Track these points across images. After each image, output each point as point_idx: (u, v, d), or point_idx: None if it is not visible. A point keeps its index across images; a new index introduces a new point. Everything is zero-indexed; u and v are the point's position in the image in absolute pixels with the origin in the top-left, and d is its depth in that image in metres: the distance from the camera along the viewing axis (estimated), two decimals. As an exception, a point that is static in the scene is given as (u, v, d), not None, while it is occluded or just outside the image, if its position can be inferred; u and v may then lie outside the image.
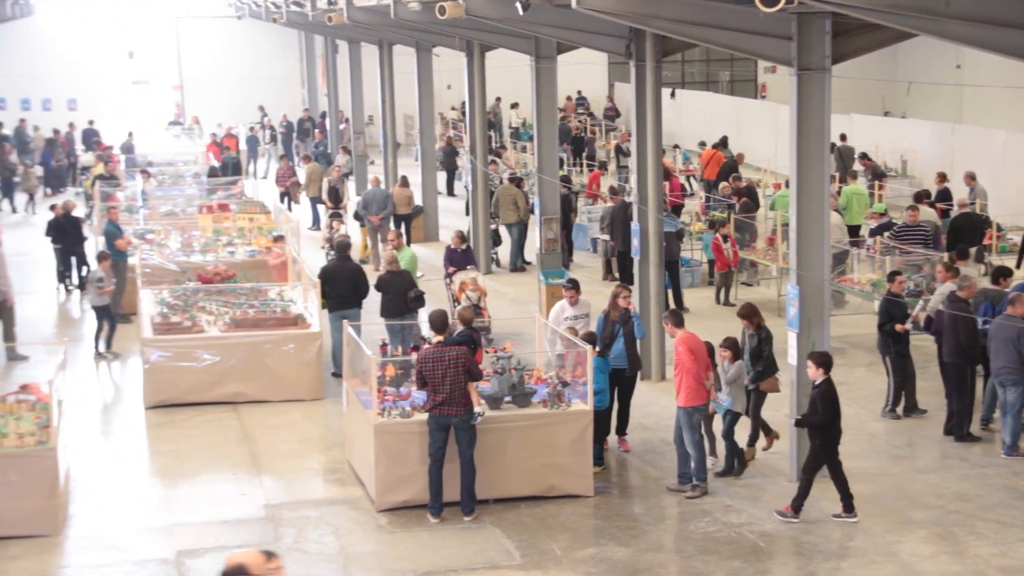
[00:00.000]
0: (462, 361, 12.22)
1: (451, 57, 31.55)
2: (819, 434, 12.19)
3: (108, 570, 11.34)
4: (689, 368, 12.68)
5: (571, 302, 15.18)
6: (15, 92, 43.21)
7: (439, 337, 12.57)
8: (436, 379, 12.17)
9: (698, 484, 12.85)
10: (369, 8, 24.36)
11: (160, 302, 17.41)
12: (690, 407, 12.74)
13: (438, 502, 12.36)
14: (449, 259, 19.57)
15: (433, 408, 12.24)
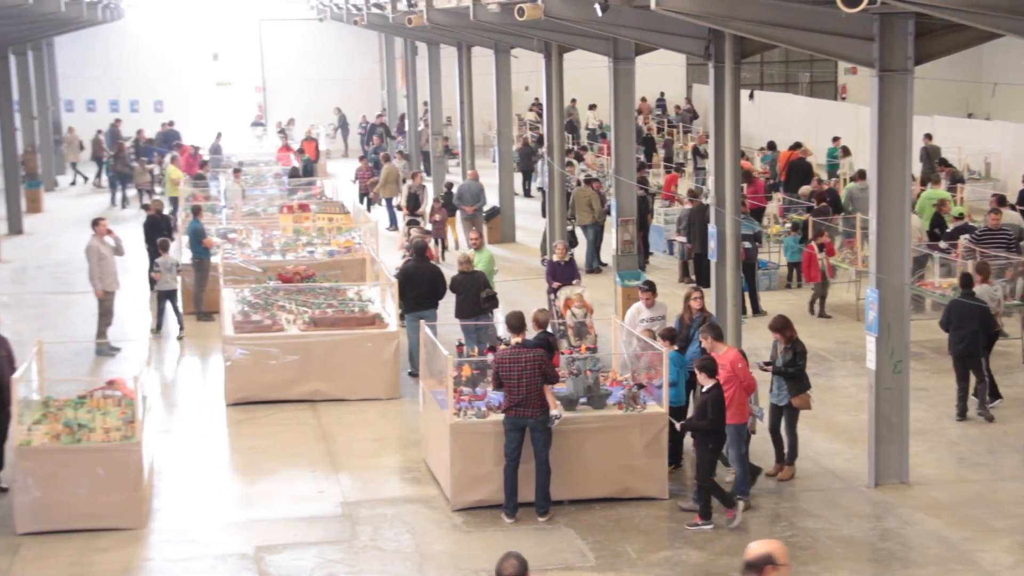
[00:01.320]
0: (538, 363, 12.27)
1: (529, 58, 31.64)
2: (711, 439, 12.17)
3: (190, 564, 11.53)
4: (745, 382, 12.51)
5: (647, 304, 15.16)
6: (105, 94, 44.17)
7: (516, 338, 12.61)
8: (512, 380, 12.23)
9: (741, 498, 12.50)
10: (448, 10, 24.49)
11: (241, 300, 17.67)
12: (738, 424, 12.51)
13: (513, 502, 12.41)
14: (552, 272, 18.53)
15: (509, 409, 12.31)
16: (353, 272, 20.86)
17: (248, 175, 30.91)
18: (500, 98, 28.19)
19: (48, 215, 32.65)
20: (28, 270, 25.51)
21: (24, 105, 34.29)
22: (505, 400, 12.38)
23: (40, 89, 36.54)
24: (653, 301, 15.18)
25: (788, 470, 13.48)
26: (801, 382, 13.32)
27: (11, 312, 21.91)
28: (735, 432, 12.53)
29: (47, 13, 23.09)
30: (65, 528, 12.01)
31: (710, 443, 12.14)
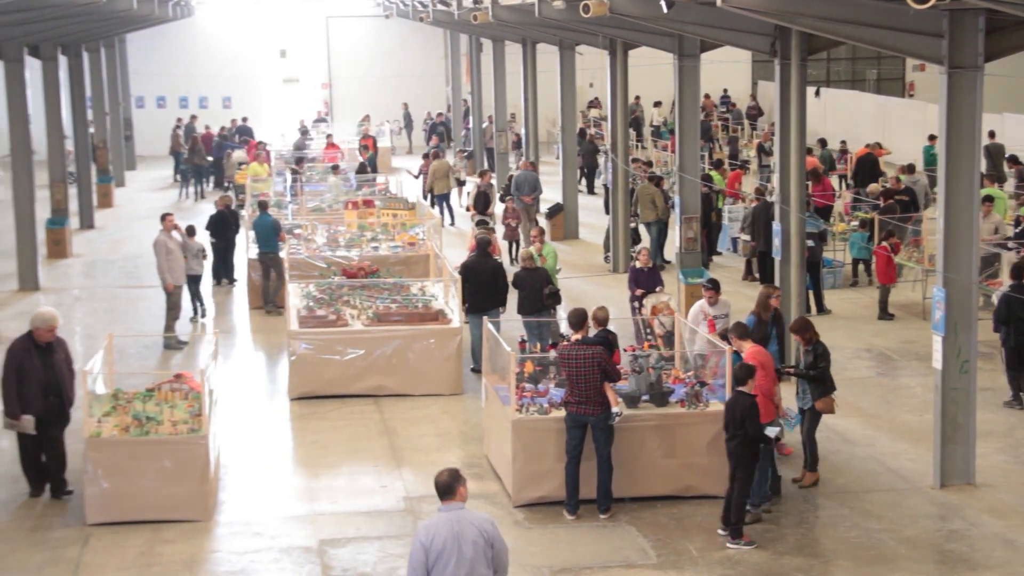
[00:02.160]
0: (598, 361, 12.26)
1: (594, 55, 31.64)
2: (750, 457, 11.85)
3: (255, 556, 11.67)
4: (760, 384, 12.12)
5: (710, 302, 15.09)
6: (175, 90, 44.80)
7: (577, 335, 12.61)
8: (572, 377, 12.24)
9: (750, 509, 12.23)
10: (514, 7, 24.54)
11: (306, 296, 17.84)
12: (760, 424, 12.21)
13: (575, 499, 12.43)
14: (635, 279, 17.77)
15: (569, 405, 12.32)
16: (417, 268, 20.97)
17: (313, 171, 31.18)
18: (564, 95, 28.19)
19: (118, 210, 33.16)
20: (99, 264, 25.92)
21: (96, 101, 34.81)
22: (566, 396, 12.41)
23: (112, 86, 37.06)
24: (716, 299, 15.11)
25: (810, 476, 13.19)
26: (824, 385, 12.99)
27: (82, 305, 22.32)
28: None
29: (120, 11, 23.44)
30: (133, 519, 12.19)
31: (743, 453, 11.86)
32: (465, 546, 8.30)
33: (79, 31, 27.68)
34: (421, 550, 8.31)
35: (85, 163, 30.57)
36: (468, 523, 8.41)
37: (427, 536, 8.33)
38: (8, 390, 12.66)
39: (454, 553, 8.27)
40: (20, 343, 12.83)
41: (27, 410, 12.59)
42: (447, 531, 8.31)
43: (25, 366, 12.65)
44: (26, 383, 12.63)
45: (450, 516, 8.40)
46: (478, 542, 8.34)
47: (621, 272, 24.10)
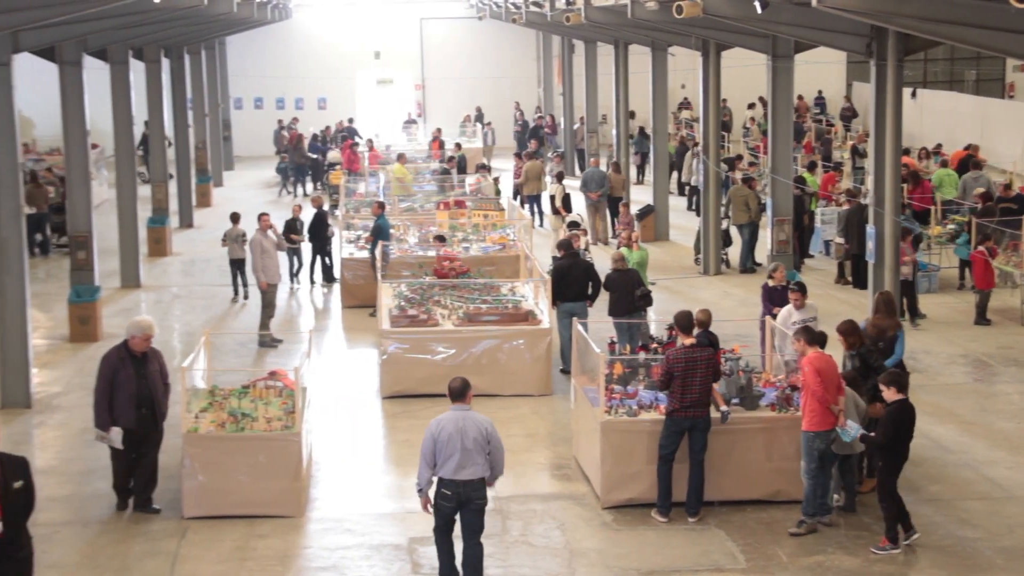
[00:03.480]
0: (711, 363, 12.28)
1: (686, 56, 31.51)
2: (881, 455, 11.61)
3: (346, 552, 11.82)
4: (814, 390, 11.88)
5: (797, 305, 14.93)
6: (271, 92, 45.53)
7: (689, 339, 12.51)
8: (687, 381, 12.16)
9: (804, 520, 12.08)
10: (606, 8, 24.56)
11: (398, 295, 18.03)
12: (812, 432, 11.95)
13: (668, 501, 12.40)
14: (769, 297, 16.84)
15: (680, 411, 12.20)
16: (507, 268, 21.08)
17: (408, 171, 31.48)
18: (656, 96, 28.13)
19: (216, 209, 33.73)
20: (197, 262, 26.43)
21: (197, 103, 35.48)
22: (675, 401, 12.21)
23: (212, 87, 37.74)
24: (803, 303, 14.93)
25: (868, 483, 12.92)
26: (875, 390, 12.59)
27: (180, 303, 22.80)
28: (805, 443, 12.01)
29: (220, 14, 23.89)
30: (228, 513, 12.41)
31: (880, 460, 11.69)
32: (467, 439, 10.33)
33: (181, 34, 28.25)
34: (431, 439, 10.38)
35: (185, 163, 31.18)
36: (472, 421, 10.40)
37: (437, 428, 10.39)
38: (100, 401, 12.40)
39: (457, 443, 10.29)
40: (115, 352, 12.59)
41: (118, 422, 12.37)
42: (453, 426, 10.33)
43: (119, 376, 12.38)
44: (119, 394, 12.38)
45: (457, 415, 10.43)
46: (478, 438, 10.34)
47: (712, 274, 24.03)
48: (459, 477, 10.36)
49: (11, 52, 15.78)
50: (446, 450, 10.31)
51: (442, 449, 10.33)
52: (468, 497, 10.46)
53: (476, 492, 10.45)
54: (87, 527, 12.33)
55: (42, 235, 26.93)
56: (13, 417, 15.61)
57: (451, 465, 10.32)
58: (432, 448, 10.35)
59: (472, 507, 10.50)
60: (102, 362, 12.59)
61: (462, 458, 10.30)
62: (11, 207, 16.00)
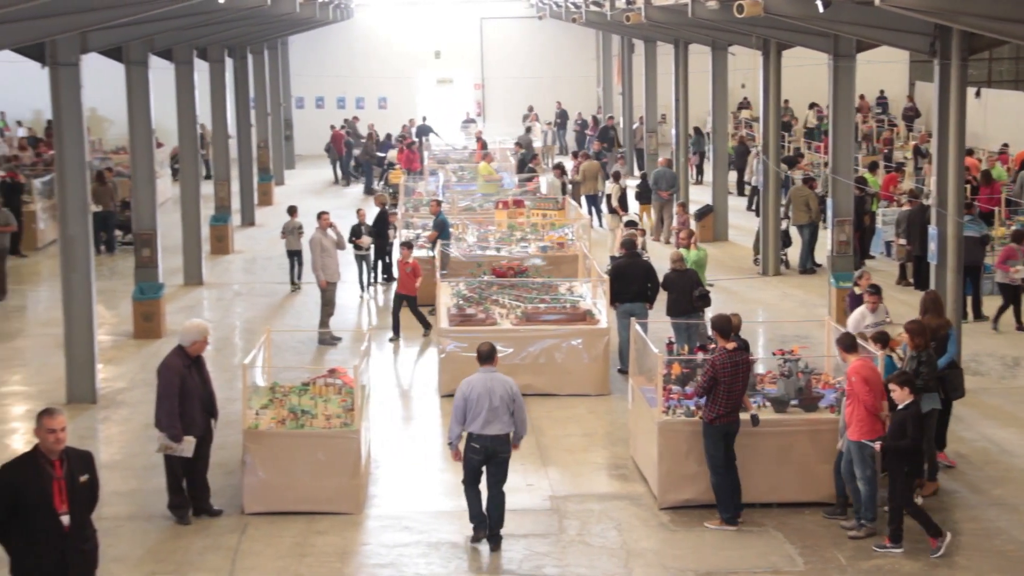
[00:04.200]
0: (750, 367, 12.33)
1: (746, 56, 31.33)
2: (907, 460, 11.48)
3: (404, 550, 11.90)
4: (864, 399, 11.80)
5: (871, 308, 14.62)
6: (333, 91, 45.89)
7: (730, 344, 12.45)
8: (732, 386, 12.11)
9: (864, 523, 11.97)
10: (667, 7, 24.49)
11: (456, 294, 18.11)
12: (862, 440, 11.85)
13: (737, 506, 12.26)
14: (854, 304, 15.89)
15: (721, 417, 12.15)
16: (565, 268, 21.10)
17: (465, 171, 31.59)
18: (716, 96, 28.02)
19: (278, 207, 34.01)
20: (258, 260, 26.70)
21: (259, 102, 35.81)
22: (720, 407, 12.13)
23: (274, 87, 38.06)
24: (877, 305, 14.66)
25: (929, 485, 12.82)
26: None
27: (242, 300, 23.04)
28: (858, 450, 11.90)
29: (283, 14, 24.10)
30: (288, 510, 12.53)
31: (905, 465, 11.54)
32: (494, 397, 11.49)
33: (245, 34, 28.53)
34: (461, 398, 11.57)
35: (247, 162, 31.48)
36: (498, 382, 11.59)
37: (467, 388, 11.57)
38: (171, 411, 12.04)
39: (485, 401, 11.45)
40: (178, 359, 12.21)
41: (190, 431, 12.15)
42: (482, 386, 11.50)
43: (187, 384, 12.12)
44: (189, 402, 12.13)
45: (485, 376, 11.63)
46: (504, 396, 11.52)
47: (771, 275, 23.90)
48: (487, 432, 11.48)
49: (80, 52, 16.05)
50: (475, 408, 11.46)
51: (472, 407, 11.48)
52: (495, 451, 11.59)
53: (501, 446, 11.61)
54: (150, 522, 12.50)
55: (108, 233, 27.31)
56: (79, 412, 15.85)
57: (479, 421, 11.46)
58: (463, 406, 11.51)
59: (497, 460, 11.66)
60: (166, 371, 12.16)
61: (489, 415, 11.45)
62: (77, 205, 16.25)
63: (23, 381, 17.65)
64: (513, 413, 11.58)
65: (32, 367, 18.30)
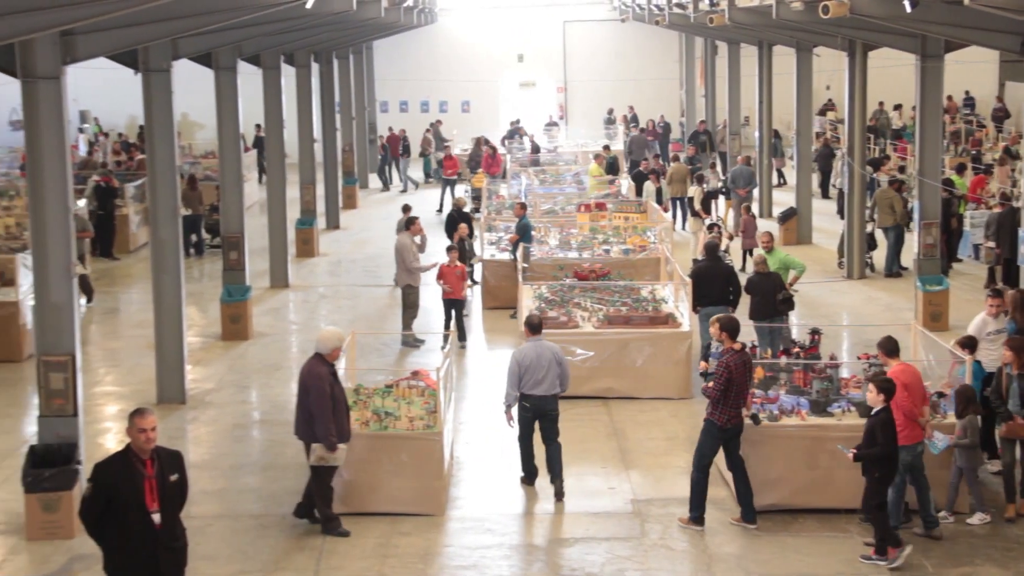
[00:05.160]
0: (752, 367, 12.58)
1: (831, 57, 31.04)
2: (878, 466, 11.27)
3: (485, 552, 11.97)
4: (901, 404, 11.62)
5: (992, 313, 13.97)
6: (417, 95, 46.24)
7: (736, 344, 12.55)
8: (740, 387, 12.23)
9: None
10: (751, 9, 24.36)
11: (538, 297, 18.17)
12: (900, 446, 11.65)
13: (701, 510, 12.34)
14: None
15: (734, 418, 12.23)
16: (647, 271, 21.07)
17: (547, 174, 31.67)
18: (800, 97, 27.79)
19: (362, 211, 34.45)
20: (343, 263, 27.00)
21: (344, 106, 36.19)
22: (730, 409, 12.19)
23: (359, 91, 38.43)
24: (999, 310, 14.00)
25: (1010, 507, 12.50)
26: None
27: (327, 303, 23.33)
28: None
29: (368, 19, 24.35)
30: (372, 511, 12.65)
31: (877, 471, 11.37)
32: (544, 362, 13.02)
33: (331, 39, 28.87)
34: (516, 365, 13.05)
35: (333, 167, 31.85)
36: (547, 349, 13.16)
37: (521, 356, 13.07)
38: (327, 420, 11.89)
39: (537, 367, 12.98)
40: (324, 367, 12.04)
41: (343, 439, 12.10)
42: (533, 353, 13.03)
43: (335, 392, 12.04)
44: (339, 410, 12.05)
45: (536, 344, 13.15)
46: (552, 361, 13.06)
47: (856, 278, 23.65)
48: (536, 392, 12.99)
49: (171, 58, 16.38)
50: (528, 372, 12.96)
51: (525, 372, 12.98)
52: (544, 409, 13.07)
53: (550, 405, 13.10)
54: (237, 521, 12.72)
55: (197, 236, 27.79)
56: (168, 412, 16.16)
57: (531, 383, 12.95)
58: (518, 372, 12.99)
59: (548, 417, 13.13)
60: (317, 380, 11.93)
61: (539, 377, 12.97)
62: (168, 209, 16.56)
63: (116, 381, 18.04)
64: (560, 373, 13.07)
65: (124, 368, 18.70)
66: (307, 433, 12.08)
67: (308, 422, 12.02)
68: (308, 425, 12.04)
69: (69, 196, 12.55)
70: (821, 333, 14.98)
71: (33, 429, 13.96)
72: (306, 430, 12.08)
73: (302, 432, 12.16)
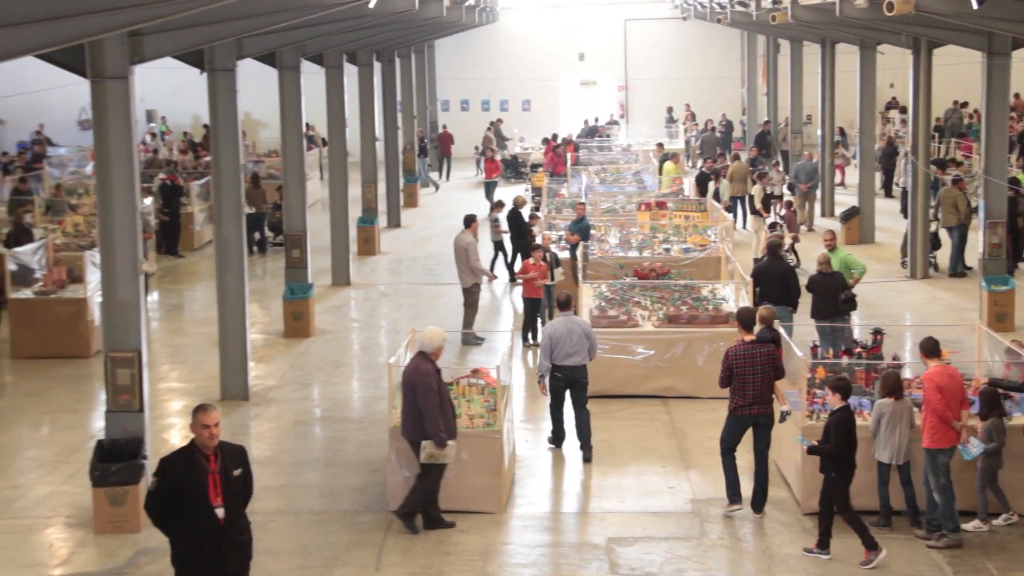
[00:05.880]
0: (771, 359, 12.50)
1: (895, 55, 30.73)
2: (833, 465, 11.36)
3: (545, 550, 12.01)
4: (935, 407, 11.58)
5: None
6: (478, 94, 46.39)
7: (749, 336, 12.75)
8: (747, 378, 12.43)
9: (944, 535, 11.73)
10: (814, 6, 24.18)
11: (598, 295, 18.17)
12: (934, 449, 11.67)
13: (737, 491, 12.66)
14: None
15: (742, 407, 12.50)
16: (708, 270, 20.99)
17: (607, 172, 31.63)
18: (863, 96, 27.53)
19: (423, 209, 34.61)
20: (404, 261, 27.15)
21: (406, 105, 36.38)
22: (737, 398, 12.51)
23: (420, 90, 38.57)
24: None
25: None
26: None
27: (387, 301, 23.48)
28: (928, 459, 11.71)
29: (430, 18, 24.47)
30: (432, 507, 12.76)
31: (833, 470, 11.44)
32: (574, 335, 14.17)
33: (393, 38, 29.02)
34: (548, 338, 14.20)
35: (394, 165, 32.00)
36: (576, 323, 14.36)
37: (552, 330, 14.23)
38: (436, 417, 11.96)
39: (568, 340, 14.12)
40: (430, 365, 12.11)
41: (451, 435, 12.16)
42: (564, 328, 14.17)
43: (442, 390, 12.18)
44: (445, 407, 12.15)
45: (565, 319, 14.30)
46: (581, 335, 14.21)
47: (919, 278, 23.41)
48: (567, 363, 14.09)
49: (236, 58, 16.57)
50: (559, 345, 14.07)
51: (556, 344, 14.09)
52: (575, 378, 14.16)
53: (580, 374, 14.18)
54: (299, 516, 12.86)
55: (260, 234, 28.06)
56: (232, 408, 16.35)
57: (561, 355, 14.07)
58: (550, 345, 14.10)
59: (578, 385, 14.24)
60: (426, 377, 11.99)
61: (569, 349, 14.10)
62: (232, 207, 16.74)
63: (180, 378, 18.29)
64: (588, 346, 14.26)
65: (189, 364, 18.95)
66: (416, 431, 12.11)
67: (417, 420, 12.06)
68: (417, 423, 12.08)
69: (136, 195, 12.74)
70: (884, 333, 14.86)
71: (100, 424, 14.22)
72: (415, 428, 12.11)
73: (410, 431, 12.18)
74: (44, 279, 19.95)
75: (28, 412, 16.69)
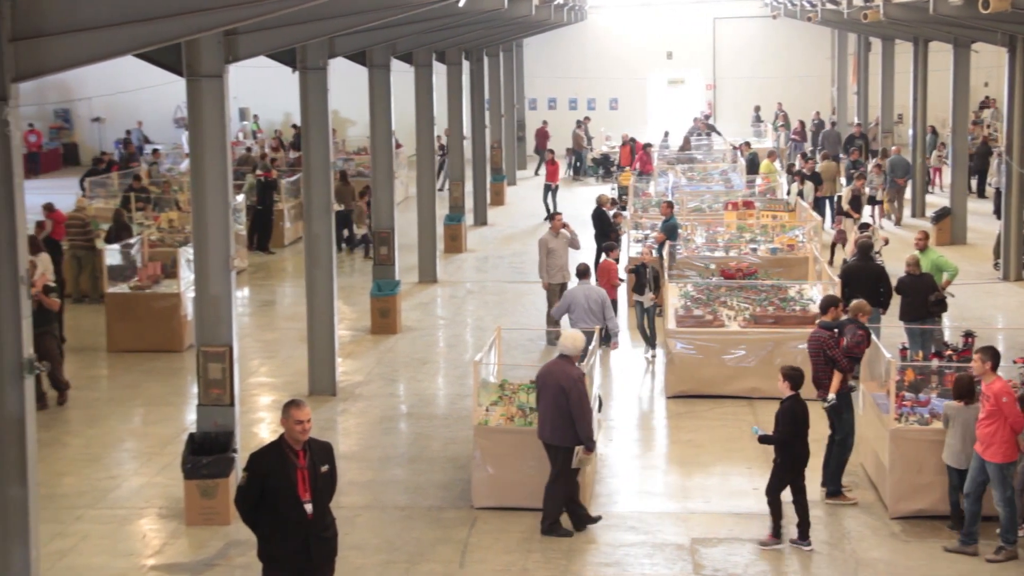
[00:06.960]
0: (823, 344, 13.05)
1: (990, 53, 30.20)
2: (780, 453, 11.61)
3: (629, 550, 12.01)
4: (1012, 420, 11.31)
5: None
6: (566, 92, 46.45)
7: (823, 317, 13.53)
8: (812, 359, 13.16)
9: (1003, 547, 11.45)
10: (906, 4, 23.85)
11: (684, 295, 18.12)
12: (1002, 463, 11.38)
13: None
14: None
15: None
16: (795, 270, 20.81)
17: (694, 172, 31.48)
18: (957, 95, 27.08)
19: (509, 207, 34.71)
20: (489, 259, 27.27)
21: (494, 103, 36.50)
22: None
23: (508, 88, 38.67)
24: None
25: None
26: None
27: (473, 298, 23.61)
28: (998, 472, 11.40)
29: (519, 16, 24.54)
30: (515, 505, 12.77)
31: (779, 457, 11.84)
32: (588, 302, 16.48)
33: (482, 37, 29.15)
34: (565, 302, 16.77)
35: (481, 163, 32.16)
36: (592, 290, 16.79)
37: (570, 295, 16.77)
38: (589, 419, 11.98)
39: (582, 304, 16.43)
40: (578, 369, 12.15)
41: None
42: (581, 294, 16.62)
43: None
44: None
45: (583, 286, 16.78)
46: (595, 302, 16.55)
47: (1012, 280, 23.00)
48: (579, 326, 15.48)
49: (327, 56, 16.78)
50: (574, 308, 16.46)
51: (572, 308, 16.53)
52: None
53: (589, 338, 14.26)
54: (384, 512, 12.99)
55: (349, 231, 28.36)
56: (319, 404, 16.55)
57: (575, 317, 16.27)
58: (566, 307, 16.69)
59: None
60: (572, 381, 11.95)
61: (582, 313, 16.32)
62: (322, 204, 16.95)
63: (269, 373, 18.57)
64: (604, 316, 16.47)
65: (278, 359, 19.23)
66: (566, 436, 11.94)
67: (567, 425, 11.91)
68: (567, 428, 11.91)
69: (229, 192, 12.96)
70: (975, 336, 14.64)
71: (192, 417, 14.50)
72: (564, 433, 11.94)
73: (558, 435, 11.99)
74: (139, 274, 20.38)
75: (123, 404, 17.07)
